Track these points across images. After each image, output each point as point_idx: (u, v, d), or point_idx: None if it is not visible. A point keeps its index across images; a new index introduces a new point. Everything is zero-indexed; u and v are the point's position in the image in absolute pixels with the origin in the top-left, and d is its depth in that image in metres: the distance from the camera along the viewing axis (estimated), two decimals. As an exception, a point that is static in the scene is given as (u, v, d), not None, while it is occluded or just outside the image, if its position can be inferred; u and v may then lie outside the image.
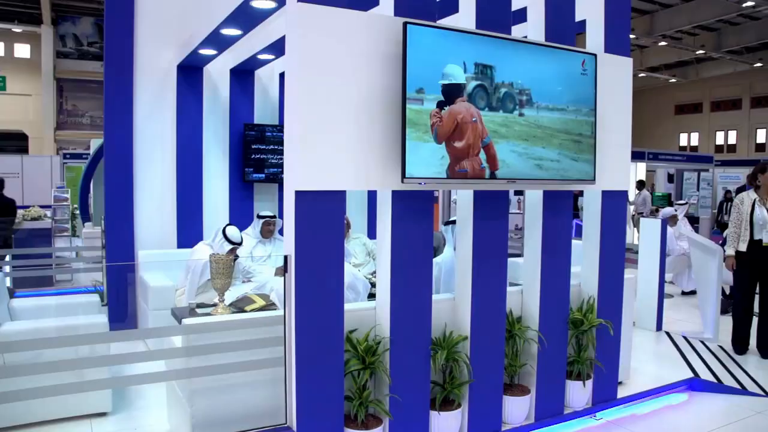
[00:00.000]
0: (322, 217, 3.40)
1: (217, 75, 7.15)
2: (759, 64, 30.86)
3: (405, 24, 3.42)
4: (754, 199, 6.25)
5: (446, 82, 3.56)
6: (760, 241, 6.18)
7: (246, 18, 5.11)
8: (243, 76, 7.29)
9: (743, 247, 6.27)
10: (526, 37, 4.33)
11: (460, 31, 3.68)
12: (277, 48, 6.10)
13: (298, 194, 3.31)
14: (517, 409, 4.34)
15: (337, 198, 3.45)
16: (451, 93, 3.59)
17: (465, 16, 4.02)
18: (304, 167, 3.30)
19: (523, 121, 3.94)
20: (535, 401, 4.42)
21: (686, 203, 11.40)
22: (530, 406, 4.43)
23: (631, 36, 25.46)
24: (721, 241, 7.42)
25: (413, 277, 3.75)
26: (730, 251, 6.39)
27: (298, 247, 3.35)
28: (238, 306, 4.92)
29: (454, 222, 4.78)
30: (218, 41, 5.86)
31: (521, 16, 4.61)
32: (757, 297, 6.40)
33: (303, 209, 3.33)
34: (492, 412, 4.20)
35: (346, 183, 3.44)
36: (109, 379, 4.14)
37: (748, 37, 27.88)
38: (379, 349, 3.67)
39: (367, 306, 3.91)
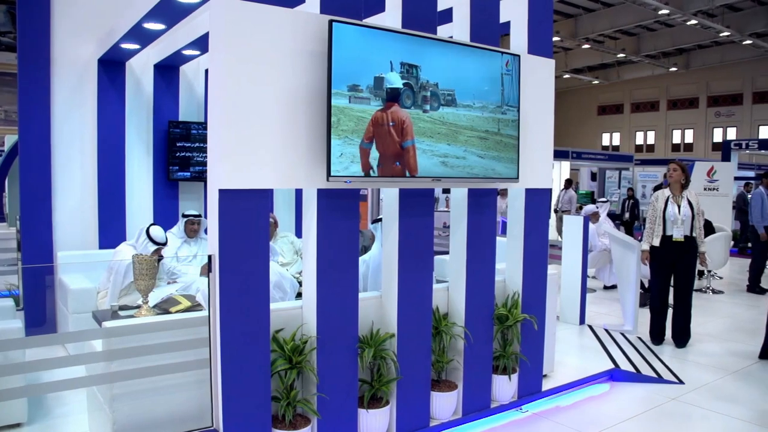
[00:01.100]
0: (247, 215, 3.35)
1: (141, 70, 6.95)
2: (674, 69, 32.29)
3: (331, 22, 3.41)
4: (668, 197, 6.52)
5: (388, 86, 3.60)
6: (672, 236, 6.45)
7: (170, 12, 4.99)
8: (167, 71, 7.10)
9: (657, 242, 6.54)
10: (452, 37, 4.37)
11: (386, 30, 3.69)
12: (202, 43, 5.98)
13: (222, 193, 3.25)
14: (445, 404, 4.39)
15: (262, 196, 3.41)
16: (393, 96, 3.64)
17: (391, 15, 4.03)
18: (228, 165, 3.24)
19: (449, 121, 3.98)
20: (462, 396, 4.48)
21: (607, 201, 11.78)
22: (458, 401, 4.48)
23: (556, 38, 26.20)
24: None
25: (339, 275, 3.74)
26: (645, 246, 6.65)
27: (222, 247, 3.29)
28: (163, 308, 4.79)
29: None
30: (141, 35, 5.69)
31: (447, 16, 4.66)
32: (672, 290, 6.68)
33: (227, 208, 3.27)
34: (420, 408, 4.24)
35: (270, 181, 3.40)
36: (23, 388, 3.94)
37: (664, 43, 29.12)
38: (306, 348, 3.65)
39: (294, 305, 3.89)
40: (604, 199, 11.76)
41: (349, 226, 3.76)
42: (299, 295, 4.96)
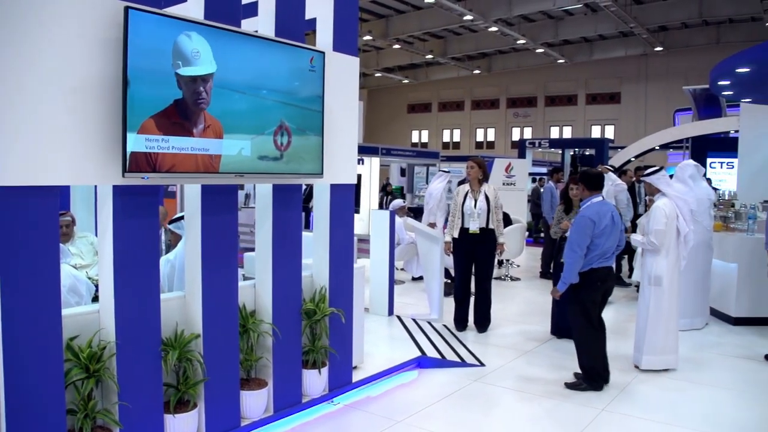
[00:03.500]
0: (31, 215, 3.07)
1: None
2: (477, 71, 34.42)
3: (126, 9, 3.22)
4: (467, 191, 6.94)
5: (189, 78, 3.48)
6: (468, 228, 6.87)
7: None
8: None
9: (456, 234, 6.93)
10: (257, 31, 4.32)
11: (187, 20, 3.55)
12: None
13: (0, 190, 2.96)
14: (255, 402, 4.34)
15: (49, 194, 3.14)
16: (194, 89, 3.52)
17: (194, 6, 3.89)
18: (7, 160, 2.95)
19: (253, 117, 3.94)
20: (273, 393, 4.46)
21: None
22: (268, 399, 4.45)
23: (368, 37, 26.84)
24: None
25: (139, 276, 3.56)
26: (447, 238, 7.03)
27: (3, 250, 3.00)
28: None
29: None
30: None
31: (253, 9, 4.60)
32: (474, 279, 7.12)
33: (7, 207, 2.98)
34: (229, 408, 4.16)
35: (58, 177, 3.14)
36: None
37: (468, 47, 31.01)
38: (105, 354, 3.43)
39: (91, 309, 3.63)
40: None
41: (148, 224, 3.59)
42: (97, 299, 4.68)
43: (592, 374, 5.25)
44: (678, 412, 4.86)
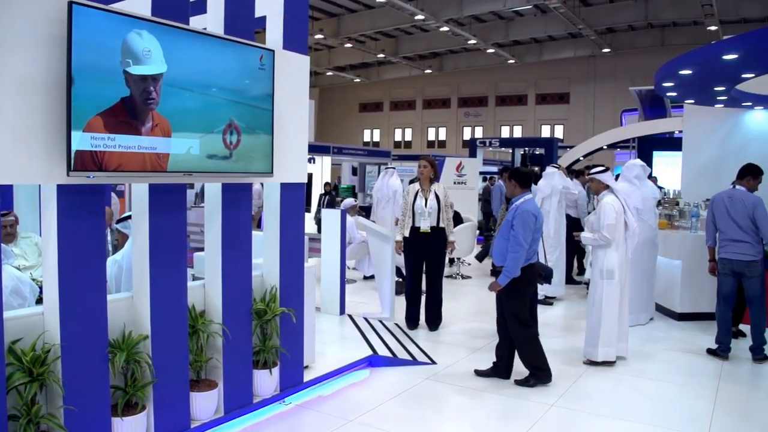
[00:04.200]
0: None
1: None
2: (429, 71, 34.64)
3: (70, 4, 3.15)
4: (417, 191, 6.99)
5: (136, 76, 3.42)
6: (420, 227, 6.92)
7: None
8: None
9: (407, 233, 6.98)
10: (205, 28, 4.27)
11: (136, 17, 3.49)
12: None
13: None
14: (206, 404, 4.30)
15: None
16: (141, 87, 3.46)
17: (141, 2, 3.82)
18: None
19: (201, 115, 3.90)
20: (223, 394, 4.41)
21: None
22: (219, 400, 4.41)
23: (320, 36, 26.77)
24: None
25: (85, 277, 3.49)
26: (398, 237, 7.07)
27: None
28: None
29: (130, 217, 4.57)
30: None
31: (201, 7, 4.54)
32: (425, 277, 7.16)
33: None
34: (179, 410, 4.11)
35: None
36: None
37: (420, 46, 31.18)
38: (50, 357, 3.35)
39: (34, 311, 3.55)
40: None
41: (94, 223, 3.52)
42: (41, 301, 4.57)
43: (539, 367, 5.34)
44: (625, 405, 4.99)
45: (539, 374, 5.34)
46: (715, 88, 9.40)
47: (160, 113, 3.62)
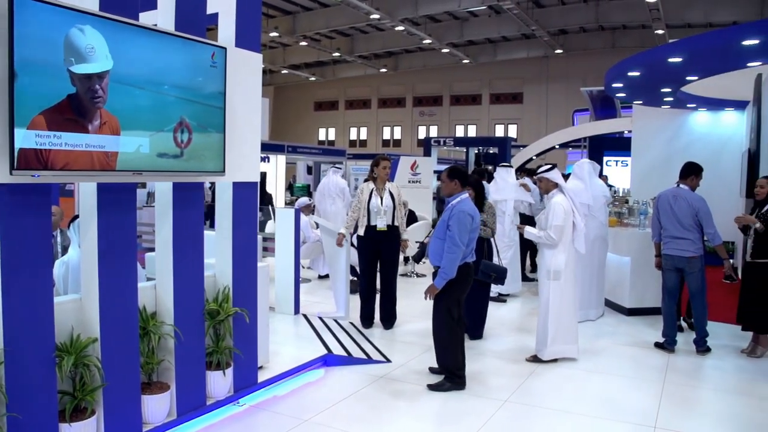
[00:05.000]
0: None
1: None
2: (384, 70, 34.72)
3: (11, -6, 3.06)
4: (372, 189, 6.99)
5: (82, 73, 3.34)
6: (375, 226, 6.93)
7: None
8: None
9: (362, 232, 6.98)
10: (156, 24, 4.20)
11: (80, 11, 3.38)
12: None
13: None
14: (158, 406, 4.23)
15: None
16: (87, 84, 3.38)
17: (88, -4, 3.74)
18: None
19: (150, 113, 3.82)
20: (176, 396, 4.36)
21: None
22: (171, 402, 4.35)
23: (274, 34, 26.58)
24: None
25: (30, 278, 3.39)
26: (342, 230, 7.10)
27: None
28: None
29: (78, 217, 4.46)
30: None
31: (151, 2, 4.46)
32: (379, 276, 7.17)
33: None
34: (130, 414, 4.03)
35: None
36: None
37: (375, 45, 31.24)
38: (-8, 363, 3.27)
39: (-24, 316, 3.45)
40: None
41: (39, 223, 3.42)
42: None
43: (456, 372, 5.28)
44: (577, 399, 5.09)
45: (455, 380, 5.26)
46: (662, 90, 9.67)
47: (108, 111, 3.54)
